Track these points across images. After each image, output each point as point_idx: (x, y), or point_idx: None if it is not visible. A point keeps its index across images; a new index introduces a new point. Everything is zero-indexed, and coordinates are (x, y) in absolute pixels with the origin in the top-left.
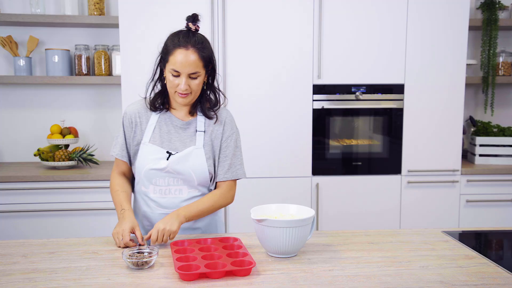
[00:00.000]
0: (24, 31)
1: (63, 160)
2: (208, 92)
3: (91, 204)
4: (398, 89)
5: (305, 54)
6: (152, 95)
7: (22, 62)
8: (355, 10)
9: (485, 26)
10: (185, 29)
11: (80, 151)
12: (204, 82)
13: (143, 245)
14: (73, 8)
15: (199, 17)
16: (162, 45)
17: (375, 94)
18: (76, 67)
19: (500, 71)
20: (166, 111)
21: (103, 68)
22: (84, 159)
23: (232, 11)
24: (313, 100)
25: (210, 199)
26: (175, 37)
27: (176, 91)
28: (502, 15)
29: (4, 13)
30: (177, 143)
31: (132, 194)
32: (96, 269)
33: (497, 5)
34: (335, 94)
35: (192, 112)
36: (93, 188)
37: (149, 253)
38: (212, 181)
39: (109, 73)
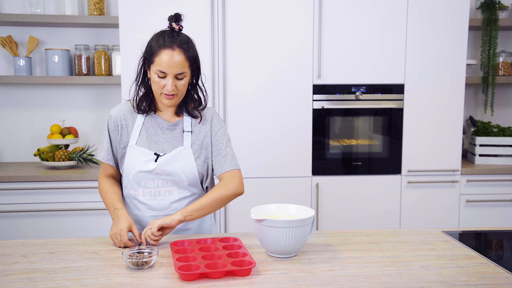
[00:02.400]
0: (24, 31)
1: (63, 160)
2: (193, 92)
3: (91, 204)
4: (398, 89)
5: (305, 54)
6: (137, 97)
7: (22, 62)
8: (355, 10)
9: (485, 26)
10: (168, 29)
11: (80, 151)
12: (189, 82)
13: (141, 242)
14: (73, 8)
15: (182, 16)
16: (145, 46)
17: (375, 94)
18: (76, 67)
19: (500, 71)
20: (154, 113)
21: (103, 68)
22: (84, 159)
23: (232, 11)
24: (313, 100)
25: (209, 193)
26: (160, 38)
27: (162, 93)
28: (502, 15)
29: (4, 13)
30: (164, 145)
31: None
32: (96, 269)
33: (497, 5)
34: (335, 94)
35: (178, 112)
36: (93, 188)
37: (149, 253)
38: (204, 181)
39: (109, 73)
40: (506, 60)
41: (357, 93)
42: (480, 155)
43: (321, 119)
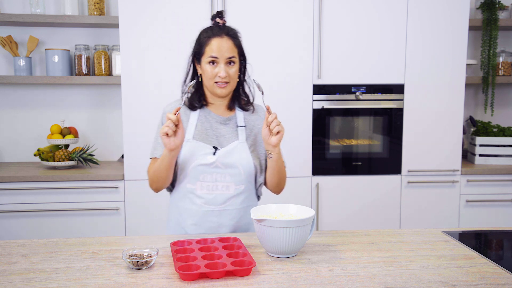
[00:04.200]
0: (24, 31)
1: (63, 160)
2: (242, 86)
3: (91, 204)
4: (398, 89)
5: (305, 54)
6: (188, 95)
7: (22, 62)
8: (355, 10)
9: (485, 26)
10: (213, 24)
11: (80, 151)
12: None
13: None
14: (73, 8)
15: (224, 12)
16: (192, 46)
17: (375, 94)
18: (76, 67)
19: (500, 71)
20: (206, 106)
21: (103, 68)
22: (84, 159)
23: (232, 11)
24: (313, 100)
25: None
26: (208, 30)
27: (215, 81)
28: (502, 15)
29: (4, 13)
30: (220, 139)
31: (171, 195)
32: (96, 269)
33: (497, 5)
34: (335, 94)
35: (231, 107)
36: (93, 188)
37: (149, 253)
38: (257, 175)
39: (109, 73)
40: (506, 60)
41: (357, 93)
42: (480, 155)
43: (321, 119)
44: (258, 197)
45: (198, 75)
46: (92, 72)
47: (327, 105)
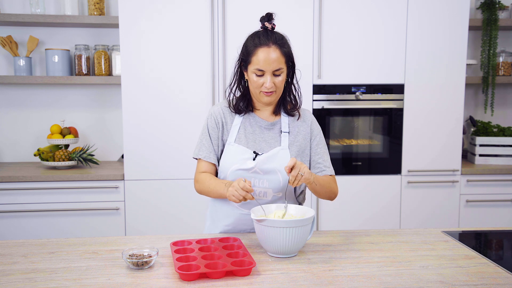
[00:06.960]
0: (24, 31)
1: (63, 160)
2: (289, 90)
3: (91, 204)
4: (398, 89)
5: (305, 54)
6: (232, 97)
7: (22, 62)
8: (355, 10)
9: (485, 26)
10: (261, 29)
11: (80, 151)
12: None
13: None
14: (73, 8)
15: (274, 15)
16: (240, 48)
17: (375, 94)
18: (76, 67)
19: (500, 71)
20: (251, 112)
21: (103, 68)
22: (84, 159)
23: (232, 11)
24: (313, 100)
25: (327, 181)
26: (255, 38)
27: (261, 91)
28: (502, 15)
29: (4, 13)
30: (262, 144)
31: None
32: (96, 269)
33: (497, 5)
34: (335, 94)
35: (276, 112)
36: (93, 188)
37: (149, 253)
38: (298, 186)
39: (109, 73)
40: (506, 60)
41: (357, 93)
42: (480, 155)
43: (321, 119)
44: (300, 204)
45: (245, 79)
46: (92, 72)
47: (327, 105)
